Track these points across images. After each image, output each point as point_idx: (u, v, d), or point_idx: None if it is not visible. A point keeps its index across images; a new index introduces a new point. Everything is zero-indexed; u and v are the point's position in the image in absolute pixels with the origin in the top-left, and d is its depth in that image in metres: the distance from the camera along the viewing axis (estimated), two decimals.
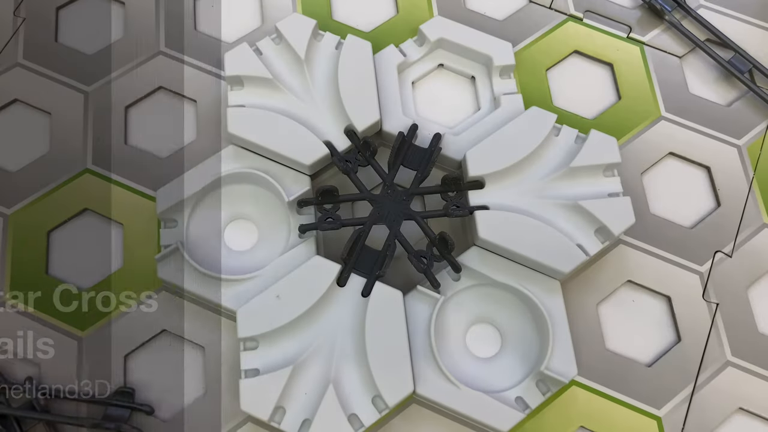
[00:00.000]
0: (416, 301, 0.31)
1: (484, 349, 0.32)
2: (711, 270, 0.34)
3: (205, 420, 0.31)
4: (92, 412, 0.30)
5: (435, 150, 0.34)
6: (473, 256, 0.32)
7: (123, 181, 0.34)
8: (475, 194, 0.32)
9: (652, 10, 0.40)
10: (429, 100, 0.37)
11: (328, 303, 0.30)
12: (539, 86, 0.38)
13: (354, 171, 0.33)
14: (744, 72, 0.39)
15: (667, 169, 0.37)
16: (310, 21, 0.35)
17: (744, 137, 0.37)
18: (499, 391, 0.30)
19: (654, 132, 0.37)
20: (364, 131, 0.33)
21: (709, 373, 0.32)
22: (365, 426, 0.28)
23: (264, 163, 0.33)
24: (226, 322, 0.32)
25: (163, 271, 0.31)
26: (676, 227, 0.35)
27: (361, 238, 0.32)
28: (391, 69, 0.36)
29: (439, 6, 0.39)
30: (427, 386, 0.29)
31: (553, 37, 0.39)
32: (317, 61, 0.35)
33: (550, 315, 0.31)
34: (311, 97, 0.34)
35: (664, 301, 0.34)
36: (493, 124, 0.34)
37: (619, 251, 0.34)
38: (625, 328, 0.33)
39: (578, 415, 0.31)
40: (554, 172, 0.33)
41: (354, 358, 0.29)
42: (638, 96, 0.38)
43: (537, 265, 0.31)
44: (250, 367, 0.29)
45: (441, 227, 0.33)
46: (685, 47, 0.40)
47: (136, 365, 0.31)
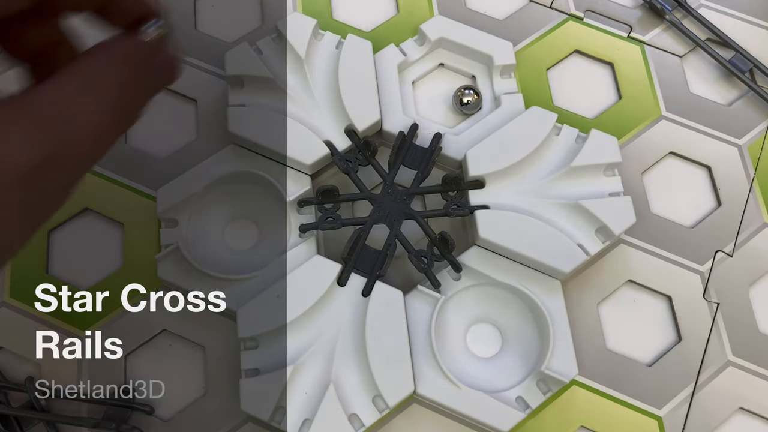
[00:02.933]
0: (417, 300, 0.31)
1: (484, 349, 0.32)
2: (712, 269, 0.34)
3: (205, 420, 0.31)
4: (92, 412, 0.30)
5: (435, 149, 0.34)
6: (473, 255, 0.32)
7: (123, 180, 0.34)
8: (475, 194, 0.32)
9: (653, 9, 0.40)
10: (429, 100, 0.37)
11: (329, 302, 0.30)
12: (540, 86, 0.38)
13: (354, 171, 0.33)
14: (745, 71, 0.38)
15: (668, 169, 0.37)
16: (310, 20, 0.35)
17: (745, 137, 0.37)
18: (499, 391, 0.30)
19: (654, 131, 0.37)
20: (365, 131, 0.33)
21: (710, 373, 0.32)
22: (366, 426, 0.28)
23: (264, 163, 0.33)
24: (226, 322, 0.31)
25: (163, 271, 0.31)
26: (676, 227, 0.35)
27: (361, 238, 0.31)
28: (391, 68, 0.36)
29: (440, 5, 0.39)
30: (427, 386, 0.29)
31: (553, 36, 0.39)
32: (317, 60, 0.35)
33: (551, 315, 0.31)
34: (311, 96, 0.34)
35: (664, 300, 0.34)
36: (494, 123, 0.34)
37: (619, 251, 0.34)
38: (625, 328, 0.33)
39: (579, 414, 0.31)
40: (555, 172, 0.33)
41: (354, 358, 0.29)
42: (639, 95, 0.38)
43: (537, 265, 0.31)
44: (250, 367, 0.29)
45: (441, 227, 0.32)
46: (685, 47, 0.40)
47: (136, 365, 0.31)
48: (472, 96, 0.36)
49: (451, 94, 0.37)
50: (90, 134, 0.18)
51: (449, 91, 0.37)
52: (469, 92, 0.36)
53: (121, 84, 0.19)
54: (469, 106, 0.36)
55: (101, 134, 0.19)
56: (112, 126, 0.19)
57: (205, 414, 0.31)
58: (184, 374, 0.31)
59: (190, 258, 0.31)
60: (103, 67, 0.19)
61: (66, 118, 0.18)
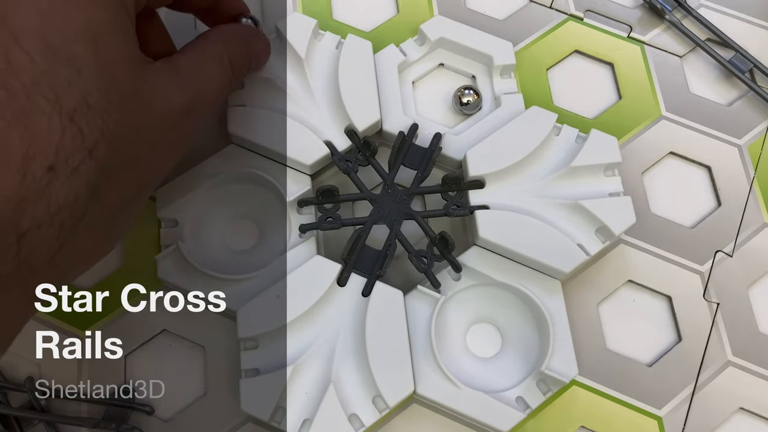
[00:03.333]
0: (417, 300, 0.31)
1: (484, 349, 0.32)
2: (711, 270, 0.34)
3: (205, 420, 0.30)
4: (92, 412, 0.30)
5: (435, 149, 0.34)
6: (473, 255, 0.32)
7: None
8: (475, 194, 0.32)
9: (653, 9, 0.40)
10: (429, 100, 0.37)
11: (329, 303, 0.30)
12: (540, 86, 0.38)
13: (354, 171, 0.33)
14: (745, 71, 0.38)
15: (668, 169, 0.37)
16: (310, 20, 0.35)
17: (745, 137, 0.37)
18: (499, 391, 0.30)
19: (654, 131, 0.37)
20: (365, 131, 0.33)
21: (710, 373, 0.32)
22: (366, 426, 0.28)
23: (264, 163, 0.33)
24: (226, 322, 0.31)
25: (163, 271, 0.31)
26: (676, 227, 0.35)
27: (361, 238, 0.31)
28: (391, 68, 0.36)
29: (440, 5, 0.39)
30: (427, 386, 0.29)
31: (553, 36, 0.39)
32: (317, 60, 0.35)
33: (551, 315, 0.31)
34: (311, 96, 0.34)
35: (664, 300, 0.34)
36: (494, 123, 0.34)
37: (619, 251, 0.34)
38: (625, 328, 0.33)
39: (579, 414, 0.31)
40: (555, 172, 0.33)
41: (354, 358, 0.29)
42: (639, 95, 0.38)
43: (537, 265, 0.31)
44: (250, 367, 0.29)
45: (441, 227, 0.32)
46: (685, 47, 0.40)
47: (136, 365, 0.31)
48: (472, 96, 0.36)
49: (451, 94, 0.37)
50: (215, 89, 0.26)
51: (449, 91, 0.37)
52: (469, 92, 0.36)
53: (232, 56, 0.27)
54: (469, 106, 0.36)
55: (220, 90, 0.27)
56: (226, 86, 0.27)
57: (205, 414, 0.31)
58: (184, 374, 0.31)
59: (190, 258, 0.31)
60: (220, 44, 0.27)
61: (201, 78, 0.25)
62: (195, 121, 0.25)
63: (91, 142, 0.19)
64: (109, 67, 0.20)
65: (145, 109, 0.22)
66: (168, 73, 0.24)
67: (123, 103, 0.21)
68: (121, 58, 0.21)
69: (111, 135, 0.20)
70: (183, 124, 0.24)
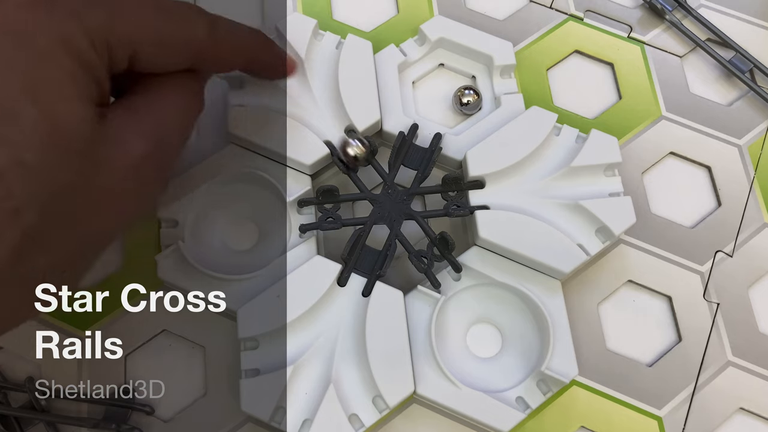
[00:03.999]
0: (417, 300, 0.31)
1: (484, 349, 0.32)
2: (712, 270, 0.34)
3: (205, 420, 0.31)
4: (92, 412, 0.30)
5: (435, 150, 0.34)
6: (474, 255, 0.32)
7: None
8: (475, 194, 0.32)
9: (653, 9, 0.40)
10: (429, 100, 0.37)
11: (329, 303, 0.30)
12: (540, 86, 0.38)
13: (354, 171, 0.33)
14: (745, 71, 0.38)
15: (668, 169, 0.37)
16: (310, 21, 0.35)
17: (745, 137, 0.37)
18: (499, 391, 0.30)
19: (655, 132, 0.37)
20: (365, 131, 0.33)
21: (710, 373, 0.32)
22: (366, 426, 0.28)
23: (264, 163, 0.33)
24: (226, 322, 0.31)
25: (163, 271, 0.31)
26: (676, 227, 0.35)
27: (361, 238, 0.31)
28: (391, 68, 0.36)
29: (440, 5, 0.39)
30: (427, 386, 0.29)
31: (553, 36, 0.39)
32: (317, 60, 0.35)
33: (551, 315, 0.31)
34: (311, 96, 0.34)
35: (664, 300, 0.34)
36: (494, 123, 0.34)
37: (619, 251, 0.34)
38: (625, 328, 0.33)
39: (579, 415, 0.31)
40: (555, 172, 0.33)
41: (354, 358, 0.29)
42: (639, 96, 0.38)
43: (537, 265, 0.31)
44: (250, 367, 0.29)
45: (441, 227, 0.33)
46: (685, 47, 0.40)
47: (136, 365, 0.31)
48: (472, 96, 0.36)
49: (451, 94, 0.37)
50: (178, 127, 0.25)
51: (449, 91, 0.37)
52: (469, 92, 0.36)
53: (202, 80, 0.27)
54: (469, 106, 0.36)
55: (187, 126, 0.26)
56: (195, 116, 0.27)
57: (205, 414, 0.31)
58: (184, 374, 0.31)
59: (190, 258, 0.31)
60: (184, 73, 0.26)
61: (163, 116, 0.24)
62: (157, 166, 0.24)
63: (20, 203, 0.19)
64: (54, 126, 0.19)
65: (96, 165, 0.21)
66: (125, 119, 0.23)
67: (67, 163, 0.20)
68: (70, 115, 0.20)
69: (48, 196, 0.19)
70: (143, 172, 0.23)
